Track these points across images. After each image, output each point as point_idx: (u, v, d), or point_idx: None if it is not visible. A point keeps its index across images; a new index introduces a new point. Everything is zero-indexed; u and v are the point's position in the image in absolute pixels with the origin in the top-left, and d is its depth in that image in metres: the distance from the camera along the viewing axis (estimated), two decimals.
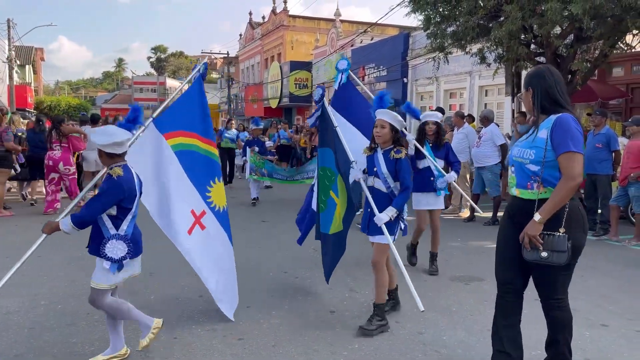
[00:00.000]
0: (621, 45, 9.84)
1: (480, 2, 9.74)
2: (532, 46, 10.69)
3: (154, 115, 3.96)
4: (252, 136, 10.81)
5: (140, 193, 3.37)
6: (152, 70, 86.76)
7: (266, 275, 5.25)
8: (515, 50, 9.71)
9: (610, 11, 8.04)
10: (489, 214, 8.31)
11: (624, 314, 4.28)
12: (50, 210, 8.74)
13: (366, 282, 5.05)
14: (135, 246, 3.30)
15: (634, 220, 7.36)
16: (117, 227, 3.22)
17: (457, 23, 10.35)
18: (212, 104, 52.25)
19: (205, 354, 3.47)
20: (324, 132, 4.50)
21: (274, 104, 32.33)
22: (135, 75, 71.34)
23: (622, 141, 7.69)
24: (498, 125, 11.94)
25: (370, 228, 3.93)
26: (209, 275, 4.01)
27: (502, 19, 9.50)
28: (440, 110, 10.08)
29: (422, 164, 5.40)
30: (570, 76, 10.19)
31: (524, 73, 13.48)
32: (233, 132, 14.16)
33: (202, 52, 45.94)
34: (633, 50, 10.63)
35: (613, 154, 7.44)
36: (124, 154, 3.27)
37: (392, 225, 3.87)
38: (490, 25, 10.04)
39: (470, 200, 6.71)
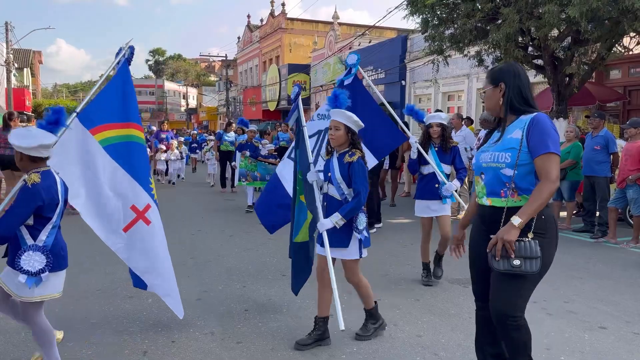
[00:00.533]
0: (618, 47, 9.86)
1: (478, 5, 9.76)
2: (530, 49, 10.71)
3: (78, 110, 3.65)
4: (247, 140, 10.05)
5: (65, 201, 3.11)
6: (151, 73, 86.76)
7: (264, 279, 5.24)
8: (513, 53, 9.74)
9: (608, 14, 8.06)
10: None
11: (621, 316, 4.28)
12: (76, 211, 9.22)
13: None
14: (56, 259, 3.00)
15: (632, 222, 7.38)
16: (34, 237, 2.94)
17: (455, 26, 10.38)
18: (210, 107, 52.35)
19: (203, 357, 3.46)
20: (299, 132, 4.25)
21: (272, 106, 32.35)
22: (133, 78, 71.28)
23: (620, 143, 7.71)
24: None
25: (330, 239, 3.54)
26: (152, 270, 3.78)
27: (499, 21, 9.52)
28: (438, 112, 10.11)
29: (426, 170, 5.11)
30: (567, 79, 10.22)
31: None
32: (232, 135, 14.18)
33: (200, 55, 46.17)
34: (630, 52, 10.66)
35: (611, 156, 7.45)
36: (47, 158, 3.01)
37: (343, 237, 3.55)
38: (488, 28, 10.06)
39: (464, 204, 6.70)
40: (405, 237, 7.41)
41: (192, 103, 65.62)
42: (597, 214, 7.63)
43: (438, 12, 10.71)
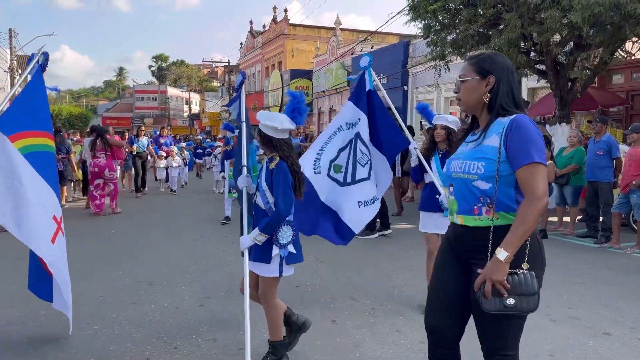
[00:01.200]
0: (621, 52, 9.86)
1: (480, 10, 9.79)
2: (532, 54, 10.72)
3: None
4: (233, 146, 8.89)
5: None
6: (154, 79, 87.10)
7: None
8: (515, 59, 9.75)
9: (610, 19, 8.07)
10: None
11: (626, 322, 4.26)
12: (98, 211, 9.70)
13: (369, 291, 5.03)
14: None
15: (635, 227, 7.35)
16: None
17: (457, 31, 10.40)
18: (213, 112, 52.44)
19: None
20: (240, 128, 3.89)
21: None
22: (136, 84, 71.68)
23: (623, 148, 7.69)
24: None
25: (252, 252, 3.28)
26: (67, 284, 3.71)
27: (501, 27, 9.54)
28: None
29: (427, 178, 4.63)
30: (570, 84, 10.23)
31: (524, 81, 13.58)
32: None
33: (203, 61, 46.34)
34: (632, 57, 10.66)
35: (614, 161, 7.44)
36: None
37: (265, 251, 3.21)
38: (490, 33, 10.08)
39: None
40: (409, 242, 7.39)
41: (195, 109, 65.78)
42: (601, 219, 7.61)
43: (440, 18, 10.74)
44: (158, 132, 15.81)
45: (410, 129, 9.45)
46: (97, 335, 3.86)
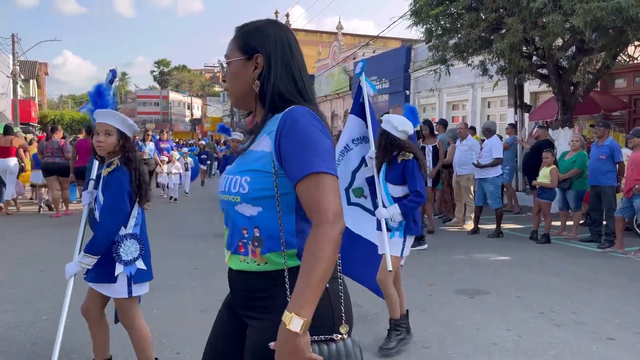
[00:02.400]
0: (623, 56, 9.85)
1: (482, 15, 9.79)
2: (534, 58, 10.72)
3: None
4: (230, 151, 8.28)
5: None
6: (156, 84, 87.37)
7: None
8: (517, 63, 9.75)
9: (612, 23, 8.06)
10: (493, 226, 8.28)
11: (630, 327, 4.23)
12: None
13: (369, 295, 4.99)
14: None
15: (639, 232, 7.32)
16: None
17: (459, 36, 10.40)
18: (215, 117, 52.56)
19: None
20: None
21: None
22: (138, 89, 71.91)
23: (626, 152, 7.67)
24: (501, 138, 11.99)
25: (88, 273, 2.90)
26: None
27: (503, 31, 9.53)
28: (442, 122, 10.10)
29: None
30: (572, 88, 10.22)
31: (526, 86, 13.58)
32: None
33: (205, 66, 46.30)
34: (635, 61, 10.65)
35: (617, 165, 7.41)
36: None
37: (108, 269, 2.84)
38: (492, 37, 10.08)
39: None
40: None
41: (197, 113, 65.93)
42: (604, 223, 7.58)
43: (442, 22, 10.75)
44: (158, 137, 14.84)
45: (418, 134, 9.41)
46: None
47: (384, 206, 3.73)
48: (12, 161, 10.23)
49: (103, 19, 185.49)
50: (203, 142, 24.70)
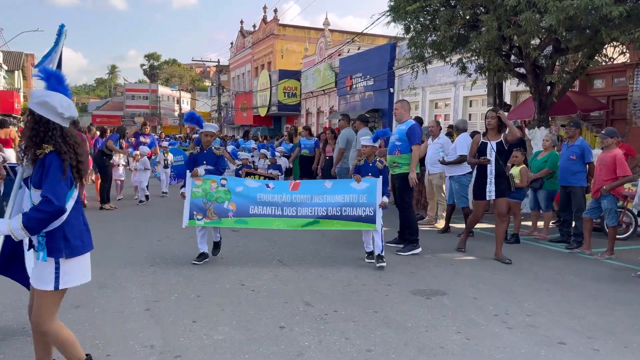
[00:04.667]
0: (598, 58, 9.77)
1: (459, 12, 9.69)
2: (512, 57, 10.64)
3: None
4: (203, 146, 6.07)
5: None
6: (145, 78, 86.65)
7: (222, 288, 5.07)
8: (494, 61, 9.65)
9: (586, 22, 7.98)
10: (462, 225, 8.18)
11: (584, 331, 4.14)
12: None
13: (326, 295, 4.89)
14: None
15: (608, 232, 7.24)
16: None
17: (438, 33, 10.29)
18: (203, 112, 52.19)
19: None
20: None
21: (262, 112, 32.26)
22: (127, 82, 71.23)
23: (596, 153, 7.60)
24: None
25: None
26: None
27: (482, 29, 9.43)
28: (418, 119, 9.94)
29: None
30: (549, 87, 10.15)
31: (507, 85, 13.50)
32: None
33: (192, 60, 45.99)
34: (613, 62, 10.60)
35: (587, 165, 7.34)
36: None
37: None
38: (470, 35, 9.99)
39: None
40: None
41: (186, 108, 65.47)
42: (573, 224, 7.51)
43: (421, 19, 10.63)
44: (139, 129, 13.51)
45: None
46: (28, 341, 3.67)
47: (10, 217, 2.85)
48: (14, 153, 10.13)
49: (95, 11, 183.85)
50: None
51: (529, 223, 8.46)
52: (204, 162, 5.96)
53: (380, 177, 6.03)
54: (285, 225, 5.95)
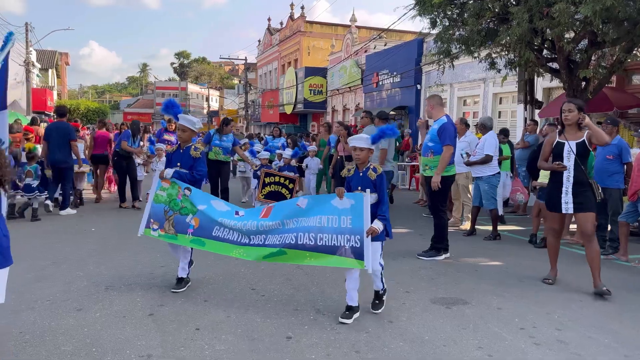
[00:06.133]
0: (637, 52, 9.21)
1: (488, 4, 9.26)
2: (545, 51, 10.14)
3: None
4: (180, 144, 5.10)
5: None
6: (175, 76, 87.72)
7: (231, 292, 4.86)
8: (525, 56, 9.19)
9: (624, 14, 7.48)
10: (489, 228, 7.81)
11: (619, 348, 3.77)
12: None
13: (338, 302, 4.62)
14: None
15: None
16: None
17: (466, 27, 9.88)
18: (230, 110, 52.48)
19: None
20: None
21: (288, 109, 32.11)
22: (157, 80, 72.21)
23: (634, 152, 7.11)
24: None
25: None
26: None
27: (514, 22, 8.98)
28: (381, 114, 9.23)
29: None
30: (584, 83, 9.62)
31: (539, 81, 12.95)
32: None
33: (220, 58, 46.18)
34: None
35: (625, 166, 6.87)
36: None
37: None
38: (500, 29, 9.54)
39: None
40: (398, 248, 6.94)
41: (215, 106, 66.00)
42: (609, 228, 7.05)
43: (448, 13, 10.23)
44: (165, 126, 12.85)
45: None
46: (24, 346, 3.53)
47: None
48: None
49: (129, 10, 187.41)
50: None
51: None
52: (178, 164, 4.95)
53: (368, 190, 4.13)
54: (245, 254, 4.49)
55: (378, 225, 4.10)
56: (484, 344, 3.78)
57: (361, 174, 4.27)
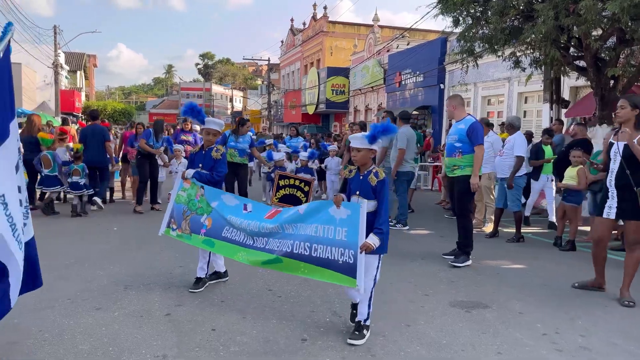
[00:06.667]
0: None
1: (512, 1, 9.08)
2: (571, 49, 9.90)
3: None
4: (204, 146, 5.09)
5: None
6: (200, 77, 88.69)
7: (249, 293, 4.85)
8: (551, 54, 8.99)
9: None
10: (512, 230, 7.65)
11: None
12: None
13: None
14: None
15: None
16: None
17: (490, 26, 9.72)
18: (254, 110, 52.80)
19: None
20: None
21: (311, 110, 32.14)
22: (182, 81, 73.12)
23: None
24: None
25: None
26: None
27: (540, 20, 8.78)
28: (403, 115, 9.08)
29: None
30: (612, 82, 9.36)
31: (566, 80, 12.66)
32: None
33: (244, 59, 46.49)
34: None
35: None
36: None
37: None
38: (525, 26, 9.35)
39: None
40: (417, 250, 6.86)
41: (238, 106, 66.48)
42: None
43: (471, 11, 10.07)
44: (180, 126, 12.44)
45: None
46: (41, 345, 3.57)
47: None
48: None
49: (155, 12, 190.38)
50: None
51: (588, 228, 7.81)
52: (200, 165, 4.98)
53: (366, 201, 3.71)
54: (247, 258, 4.31)
55: (373, 240, 3.62)
56: (504, 350, 3.69)
57: (361, 177, 3.81)
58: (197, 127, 13.97)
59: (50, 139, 9.36)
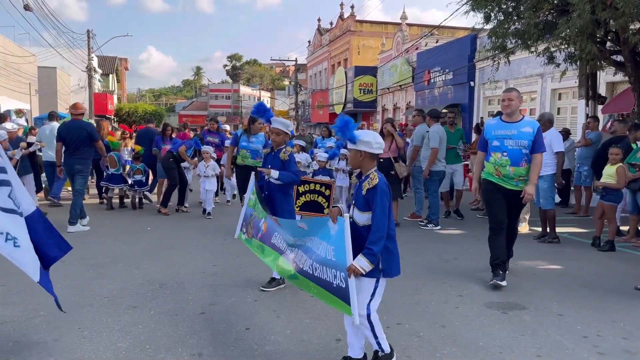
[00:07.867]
0: None
1: None
2: (608, 44, 9.61)
3: None
4: (273, 147, 5.06)
5: None
6: (228, 78, 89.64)
7: (280, 293, 4.86)
8: (587, 49, 8.74)
9: None
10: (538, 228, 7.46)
11: None
12: None
13: (389, 305, 4.52)
14: None
15: None
16: None
17: (523, 21, 9.51)
18: (281, 111, 53.07)
19: None
20: None
21: (338, 109, 32.08)
22: (210, 82, 74.10)
23: None
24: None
25: None
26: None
27: (575, 14, 8.55)
28: (433, 113, 8.90)
29: None
30: None
31: (602, 75, 12.30)
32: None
33: (271, 60, 46.78)
34: None
35: None
36: None
37: None
38: (559, 21, 9.12)
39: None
40: (450, 250, 6.76)
41: None
42: None
43: (503, 6, 9.88)
44: (207, 127, 11.90)
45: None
46: (82, 342, 3.65)
47: None
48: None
49: (185, 15, 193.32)
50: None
51: (627, 228, 7.57)
52: (269, 166, 4.89)
53: (347, 215, 3.02)
54: (278, 269, 3.95)
55: (360, 263, 2.90)
56: (543, 352, 3.59)
57: (358, 183, 3.16)
58: (227, 127, 14.02)
59: (117, 142, 10.57)
